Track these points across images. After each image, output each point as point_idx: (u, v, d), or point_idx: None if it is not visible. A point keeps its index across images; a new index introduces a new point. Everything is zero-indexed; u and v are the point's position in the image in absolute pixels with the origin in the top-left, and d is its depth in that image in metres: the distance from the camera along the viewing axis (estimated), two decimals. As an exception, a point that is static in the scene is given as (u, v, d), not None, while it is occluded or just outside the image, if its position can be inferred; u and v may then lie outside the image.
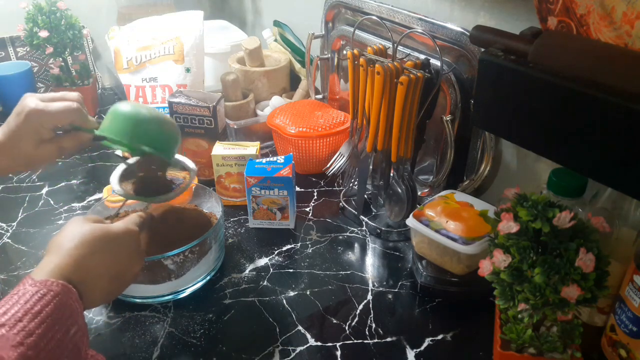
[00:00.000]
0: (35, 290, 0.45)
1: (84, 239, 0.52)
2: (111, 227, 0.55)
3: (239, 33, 1.43)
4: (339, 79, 1.14)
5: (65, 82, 1.29)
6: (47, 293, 0.45)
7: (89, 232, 0.53)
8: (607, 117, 0.45)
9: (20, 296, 0.44)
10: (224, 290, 0.77)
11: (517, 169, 0.83)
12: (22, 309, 0.43)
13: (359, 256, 0.85)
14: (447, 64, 0.82)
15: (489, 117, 0.58)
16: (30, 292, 0.45)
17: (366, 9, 0.97)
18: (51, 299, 0.45)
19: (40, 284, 0.46)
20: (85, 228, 0.53)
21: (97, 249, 0.52)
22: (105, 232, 0.54)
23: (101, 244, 0.53)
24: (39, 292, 0.45)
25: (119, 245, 0.55)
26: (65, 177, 1.06)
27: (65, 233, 0.53)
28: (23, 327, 0.42)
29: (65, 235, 0.53)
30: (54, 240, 0.52)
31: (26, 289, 0.45)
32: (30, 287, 0.45)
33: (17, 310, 0.43)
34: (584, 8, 0.48)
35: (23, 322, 0.42)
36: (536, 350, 0.57)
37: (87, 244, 0.51)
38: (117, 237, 0.55)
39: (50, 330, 0.43)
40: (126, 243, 0.56)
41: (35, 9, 1.20)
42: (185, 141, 1.00)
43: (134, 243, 0.57)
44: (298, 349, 0.67)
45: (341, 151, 0.93)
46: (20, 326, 0.42)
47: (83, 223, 0.54)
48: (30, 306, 0.43)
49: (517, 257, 0.52)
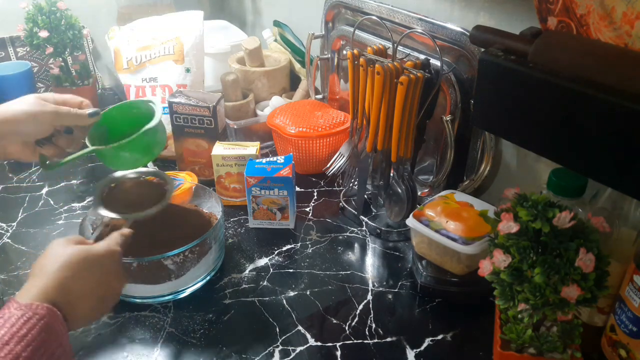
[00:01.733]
0: (21, 314, 0.45)
1: (66, 261, 0.52)
2: (92, 248, 0.56)
3: (239, 33, 1.43)
4: (339, 79, 1.14)
5: (65, 82, 1.29)
6: (32, 316, 0.45)
7: (70, 254, 0.53)
8: (607, 117, 0.45)
9: (6, 320, 0.45)
10: (224, 290, 0.77)
11: (517, 169, 0.83)
12: (8, 333, 0.43)
13: (359, 256, 0.85)
14: (447, 64, 0.82)
15: (489, 117, 0.58)
16: (15, 315, 0.45)
17: (366, 9, 0.97)
18: (36, 322, 0.45)
19: (25, 307, 0.46)
20: (67, 251, 0.54)
21: (79, 271, 0.53)
22: (86, 254, 0.55)
23: (83, 265, 0.53)
24: (25, 315, 0.45)
25: (100, 266, 0.56)
26: (65, 177, 1.06)
27: (48, 256, 0.54)
28: (9, 350, 0.42)
29: (47, 258, 0.53)
30: (37, 264, 0.53)
31: (11, 312, 0.45)
32: (16, 311, 0.45)
33: (3, 333, 0.43)
34: (584, 8, 0.48)
35: (10, 346, 0.43)
36: (536, 350, 0.57)
37: (70, 267, 0.52)
38: (98, 258, 0.56)
39: (36, 353, 0.44)
40: (108, 264, 0.57)
41: (35, 9, 1.20)
42: (185, 141, 1.00)
43: (115, 263, 0.58)
44: (298, 349, 0.67)
45: (341, 151, 0.93)
46: (6, 350, 0.42)
47: (65, 245, 0.55)
48: (16, 330, 0.44)
49: (517, 257, 0.52)
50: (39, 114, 0.64)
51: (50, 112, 0.65)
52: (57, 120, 0.66)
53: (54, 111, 0.65)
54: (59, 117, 0.66)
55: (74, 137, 0.70)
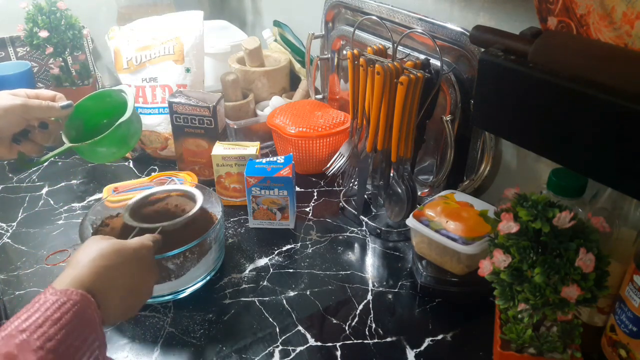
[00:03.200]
0: (56, 299, 0.47)
1: (102, 252, 0.54)
2: (128, 242, 0.58)
3: (239, 33, 1.43)
4: (339, 79, 1.14)
5: (65, 82, 1.29)
6: (66, 301, 0.47)
7: (106, 246, 0.55)
8: (606, 117, 0.45)
9: (41, 304, 0.46)
10: (224, 290, 0.77)
11: (517, 169, 0.83)
12: (42, 316, 0.45)
13: (359, 256, 0.85)
14: (447, 64, 0.82)
15: (489, 117, 0.58)
16: (50, 300, 0.46)
17: (366, 9, 0.97)
18: (70, 307, 0.46)
19: (60, 292, 0.47)
20: (103, 243, 0.56)
21: (114, 261, 0.54)
22: (122, 246, 0.56)
23: (118, 257, 0.55)
24: (59, 300, 0.47)
25: (135, 258, 0.57)
26: (65, 177, 1.06)
27: (84, 249, 0.55)
28: (43, 332, 0.43)
29: (83, 250, 0.55)
30: (73, 256, 0.55)
31: (47, 297, 0.47)
32: (51, 296, 0.47)
33: (37, 317, 0.45)
34: (584, 8, 0.48)
35: (43, 328, 0.44)
36: (536, 350, 0.57)
37: (105, 257, 0.54)
38: (133, 250, 0.57)
39: (69, 336, 0.45)
40: (142, 257, 0.58)
41: (35, 9, 1.20)
42: (185, 141, 1.00)
43: (149, 257, 0.60)
44: (298, 349, 0.67)
45: (341, 151, 0.93)
46: (40, 332, 0.43)
47: (101, 239, 0.57)
48: (50, 313, 0.45)
49: (517, 257, 0.52)
50: (8, 108, 0.64)
51: (20, 105, 0.65)
52: (27, 112, 0.66)
53: (23, 104, 0.65)
54: (29, 110, 0.66)
55: (50, 132, 0.70)
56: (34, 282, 0.78)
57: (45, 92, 0.70)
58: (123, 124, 0.70)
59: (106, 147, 0.71)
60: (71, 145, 0.69)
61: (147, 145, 1.11)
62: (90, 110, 0.73)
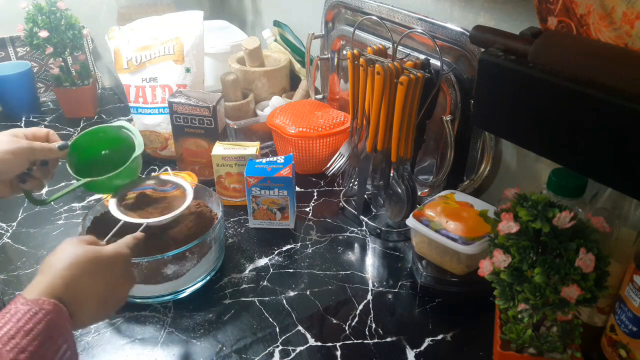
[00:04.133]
0: (27, 309, 0.46)
1: (75, 260, 0.53)
2: (102, 249, 0.56)
3: (239, 33, 1.43)
4: (339, 79, 1.14)
5: (65, 82, 1.29)
6: (38, 311, 0.46)
7: (80, 254, 0.54)
8: (607, 117, 0.45)
9: (13, 314, 0.45)
10: (224, 290, 0.77)
11: (517, 169, 0.83)
12: (14, 327, 0.44)
13: (359, 256, 0.85)
14: (447, 64, 0.82)
15: (489, 117, 0.58)
16: (22, 310, 0.46)
17: (366, 9, 0.97)
18: (42, 317, 0.46)
19: (32, 302, 0.46)
20: (77, 250, 0.54)
21: (87, 270, 0.53)
22: (96, 255, 0.55)
23: (91, 266, 0.54)
24: (31, 310, 0.46)
25: (109, 267, 0.56)
26: (65, 177, 1.06)
27: (57, 254, 0.54)
28: (16, 344, 0.43)
29: (57, 256, 0.54)
30: (46, 261, 0.54)
31: (18, 307, 0.46)
32: (22, 306, 0.46)
33: (9, 328, 0.44)
34: (584, 8, 0.48)
35: (15, 340, 0.43)
36: (536, 350, 0.57)
37: (78, 266, 0.52)
38: (107, 259, 0.56)
39: (41, 347, 0.44)
40: (116, 266, 0.57)
41: (35, 9, 1.20)
42: (185, 141, 1.00)
43: (124, 266, 0.58)
44: (298, 349, 0.67)
45: (341, 151, 0.93)
46: (12, 343, 0.43)
47: (76, 245, 0.56)
48: (22, 324, 0.44)
49: (517, 257, 0.52)
50: (15, 151, 0.65)
51: (26, 147, 0.66)
52: (32, 155, 0.67)
53: (28, 147, 0.67)
54: (34, 152, 0.67)
55: (49, 169, 0.72)
56: (34, 282, 0.78)
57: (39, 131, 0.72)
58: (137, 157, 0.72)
59: (122, 179, 0.74)
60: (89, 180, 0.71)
61: (147, 145, 1.11)
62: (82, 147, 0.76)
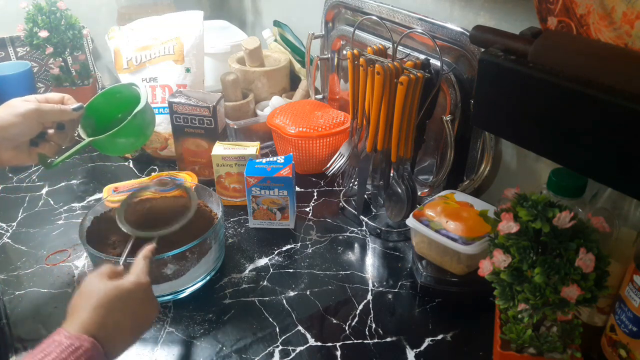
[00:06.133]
0: (70, 343, 0.49)
1: (100, 301, 0.54)
2: (123, 284, 0.58)
3: (239, 33, 1.43)
4: (339, 79, 1.14)
5: (65, 82, 1.29)
6: (79, 347, 0.49)
7: (103, 292, 0.55)
8: (607, 117, 0.45)
9: (57, 346, 0.48)
10: (224, 290, 0.77)
11: (517, 169, 0.83)
12: (58, 358, 0.47)
13: (359, 256, 0.85)
14: (447, 64, 0.82)
15: (489, 117, 0.58)
16: (65, 343, 0.48)
17: (366, 9, 0.97)
18: (83, 353, 0.48)
19: (74, 337, 0.49)
20: (100, 287, 0.56)
21: (114, 307, 0.55)
22: (118, 291, 0.56)
23: (117, 302, 0.55)
24: (73, 344, 0.49)
25: (133, 300, 0.57)
26: (66, 177, 1.06)
27: (82, 294, 0.56)
28: None
29: (82, 296, 0.56)
30: (73, 302, 0.55)
31: (61, 340, 0.49)
32: (65, 339, 0.49)
33: (54, 357, 0.47)
34: (583, 8, 0.48)
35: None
36: (536, 350, 0.57)
37: (104, 305, 0.54)
38: (130, 293, 0.57)
39: None
40: (140, 297, 0.59)
41: (35, 9, 1.20)
42: (185, 141, 1.00)
43: (147, 294, 0.60)
44: (298, 349, 0.67)
45: (341, 151, 0.93)
46: None
47: (98, 282, 0.57)
48: (65, 356, 0.47)
49: (517, 257, 0.52)
50: (24, 113, 0.67)
51: (34, 109, 0.68)
52: (41, 116, 0.69)
53: (36, 108, 0.68)
54: (43, 114, 0.68)
55: (66, 132, 0.73)
56: (34, 282, 0.78)
57: (54, 95, 0.72)
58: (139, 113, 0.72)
59: (125, 137, 0.74)
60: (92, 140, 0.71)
61: (147, 145, 1.11)
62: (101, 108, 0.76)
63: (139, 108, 0.72)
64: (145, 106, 0.74)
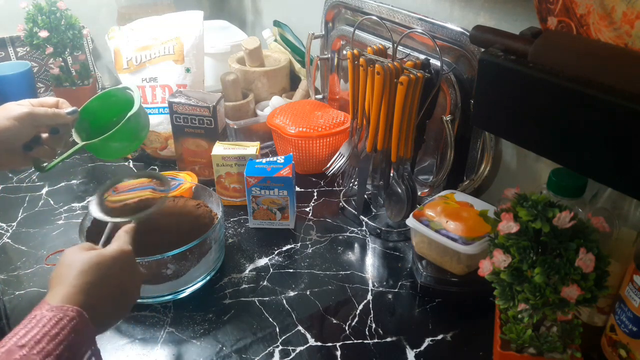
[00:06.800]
0: (52, 315, 0.47)
1: (82, 268, 0.53)
2: (105, 252, 0.56)
3: (239, 33, 1.43)
4: (339, 79, 1.14)
5: (65, 82, 1.29)
6: (63, 317, 0.47)
7: (86, 261, 0.54)
8: (607, 117, 0.45)
9: (39, 320, 0.47)
10: (224, 290, 0.77)
11: (517, 169, 0.83)
12: (40, 332, 0.45)
13: (359, 256, 0.85)
14: (447, 64, 0.82)
15: (489, 117, 0.58)
16: (47, 316, 0.47)
17: (366, 9, 0.97)
18: (67, 323, 0.47)
19: (56, 309, 0.48)
20: (83, 257, 0.54)
21: (97, 275, 0.53)
22: (101, 259, 0.55)
23: (100, 270, 0.54)
24: (56, 316, 0.47)
25: (116, 267, 0.56)
26: (65, 177, 1.06)
27: (63, 265, 0.54)
28: (42, 348, 0.44)
29: (63, 267, 0.54)
30: (54, 274, 0.54)
31: (43, 313, 0.47)
32: (47, 312, 0.48)
33: (36, 332, 0.45)
34: (584, 8, 0.48)
35: (42, 344, 0.44)
36: (536, 350, 0.57)
37: (87, 273, 0.53)
38: (113, 260, 0.56)
39: (67, 351, 0.45)
40: (123, 264, 0.57)
41: (35, 9, 1.20)
42: (185, 141, 1.00)
43: (130, 262, 0.59)
44: (298, 349, 0.67)
45: (341, 151, 0.93)
46: (39, 347, 0.44)
47: (78, 252, 0.56)
48: (48, 329, 0.46)
49: (517, 257, 0.52)
50: (17, 117, 0.66)
51: (27, 113, 0.67)
52: (35, 120, 0.68)
53: (30, 112, 0.67)
54: (37, 117, 0.68)
55: (61, 136, 0.72)
56: (34, 282, 0.78)
57: (49, 99, 0.72)
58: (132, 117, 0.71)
59: (119, 141, 0.73)
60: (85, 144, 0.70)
61: (147, 145, 1.11)
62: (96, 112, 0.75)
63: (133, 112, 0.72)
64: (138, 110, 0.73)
